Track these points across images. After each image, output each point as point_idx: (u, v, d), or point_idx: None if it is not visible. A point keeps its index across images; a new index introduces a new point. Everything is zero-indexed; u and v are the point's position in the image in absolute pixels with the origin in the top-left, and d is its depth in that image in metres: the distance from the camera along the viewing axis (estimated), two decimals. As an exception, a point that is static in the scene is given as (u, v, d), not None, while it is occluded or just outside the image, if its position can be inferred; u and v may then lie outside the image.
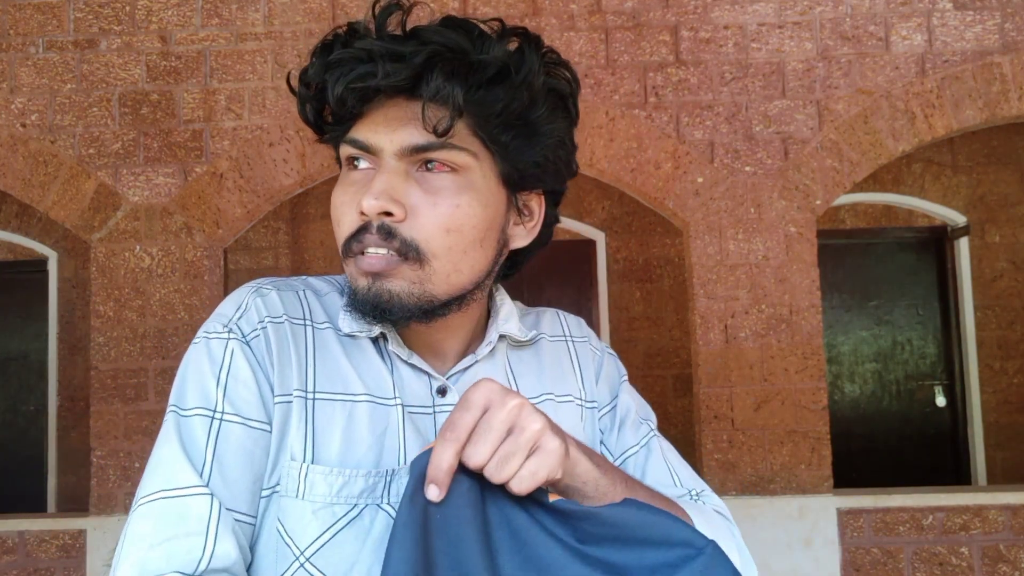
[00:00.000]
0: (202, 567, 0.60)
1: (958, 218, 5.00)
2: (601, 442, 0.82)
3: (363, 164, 0.70)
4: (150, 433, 3.10)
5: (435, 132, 0.66)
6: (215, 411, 0.66)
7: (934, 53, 3.15)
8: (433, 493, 0.56)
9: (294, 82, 0.74)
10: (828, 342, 5.07)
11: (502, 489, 0.59)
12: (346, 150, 0.71)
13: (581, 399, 0.81)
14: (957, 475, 5.02)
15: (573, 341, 0.86)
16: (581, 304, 5.08)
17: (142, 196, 3.21)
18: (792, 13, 3.20)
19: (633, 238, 5.04)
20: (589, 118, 3.18)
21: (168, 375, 3.12)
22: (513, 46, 0.69)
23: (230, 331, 0.70)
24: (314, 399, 0.69)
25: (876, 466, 4.99)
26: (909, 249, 5.19)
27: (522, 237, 0.77)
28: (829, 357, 5.09)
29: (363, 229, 0.68)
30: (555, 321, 0.87)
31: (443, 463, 0.56)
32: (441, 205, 0.68)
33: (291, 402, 0.68)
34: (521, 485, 0.57)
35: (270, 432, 0.68)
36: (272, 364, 0.69)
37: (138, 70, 3.25)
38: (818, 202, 3.15)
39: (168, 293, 3.16)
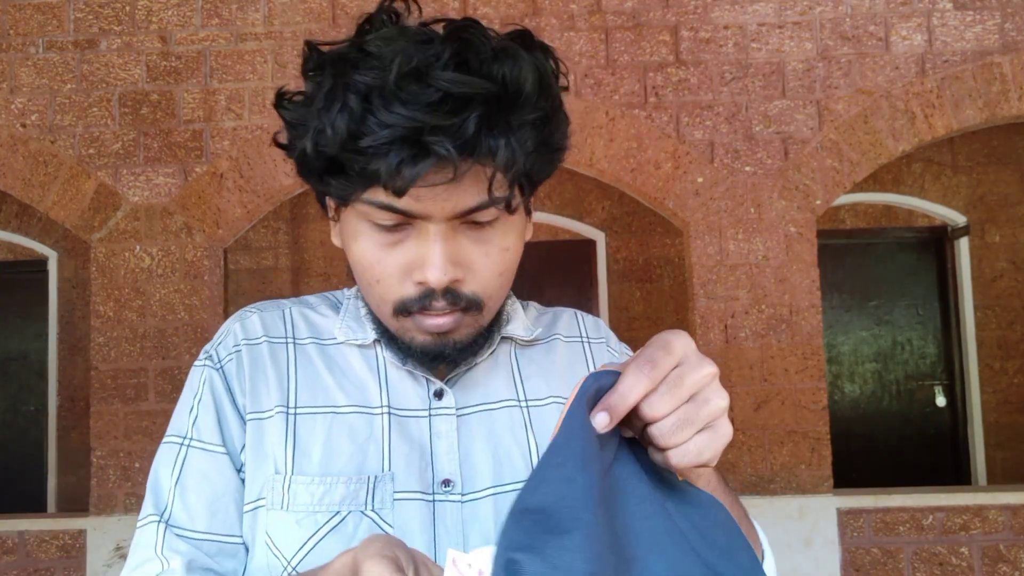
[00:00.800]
0: None
1: (958, 218, 5.00)
2: None
3: (398, 224, 0.66)
4: (150, 433, 3.10)
5: (506, 206, 0.65)
6: (184, 438, 0.72)
7: (934, 53, 3.15)
8: (603, 422, 0.48)
9: (287, 137, 0.69)
10: (828, 342, 5.07)
11: (642, 452, 0.53)
12: (371, 211, 0.65)
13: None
14: (957, 475, 5.02)
15: (590, 343, 0.85)
16: (581, 304, 5.08)
17: (142, 196, 3.21)
18: (792, 13, 3.20)
19: (633, 238, 5.04)
20: (589, 118, 3.18)
21: (168, 375, 3.12)
22: (523, 62, 0.63)
23: (209, 358, 0.75)
24: (296, 413, 0.71)
25: (876, 466, 4.99)
26: (909, 249, 5.19)
27: (527, 235, 0.78)
28: (829, 357, 5.09)
29: (426, 296, 0.67)
30: (572, 322, 0.86)
31: (630, 396, 0.49)
32: (492, 254, 0.68)
33: (269, 418, 0.71)
34: (683, 459, 0.50)
35: (227, 454, 0.71)
36: (244, 385, 0.72)
37: (138, 70, 3.25)
38: (818, 202, 3.15)
39: (168, 293, 3.16)
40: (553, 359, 0.81)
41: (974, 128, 3.21)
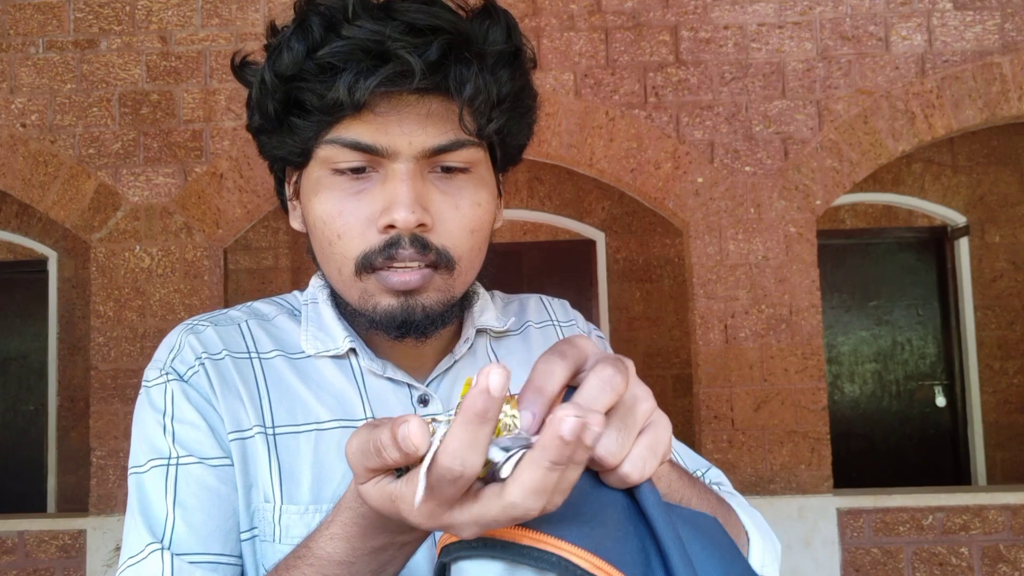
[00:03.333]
0: None
1: (958, 218, 5.00)
2: None
3: (363, 168, 0.63)
4: (150, 433, 3.10)
5: (478, 134, 0.62)
6: (169, 458, 0.63)
7: (934, 53, 3.15)
8: (526, 422, 0.41)
9: (251, 62, 0.67)
10: (828, 342, 5.07)
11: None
12: (335, 153, 0.62)
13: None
14: (957, 475, 5.02)
15: (560, 326, 0.82)
16: (581, 304, 5.08)
17: (142, 196, 3.21)
18: (792, 13, 3.20)
19: (633, 238, 5.04)
20: (589, 118, 3.18)
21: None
22: (485, 17, 0.63)
23: (167, 374, 0.66)
24: (275, 434, 0.65)
25: (876, 466, 4.99)
26: (909, 249, 5.19)
27: (498, 220, 0.73)
28: (829, 357, 5.09)
29: (392, 244, 0.62)
30: (540, 307, 0.83)
31: (548, 386, 0.42)
32: (463, 207, 0.64)
33: (250, 438, 0.64)
34: (639, 469, 0.43)
35: (230, 465, 0.64)
36: (217, 400, 0.65)
37: (138, 70, 3.25)
38: (818, 202, 3.15)
39: (168, 293, 3.16)
40: (530, 348, 0.77)
41: (974, 128, 3.21)
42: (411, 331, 0.65)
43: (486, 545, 0.42)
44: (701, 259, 3.13)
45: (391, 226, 0.61)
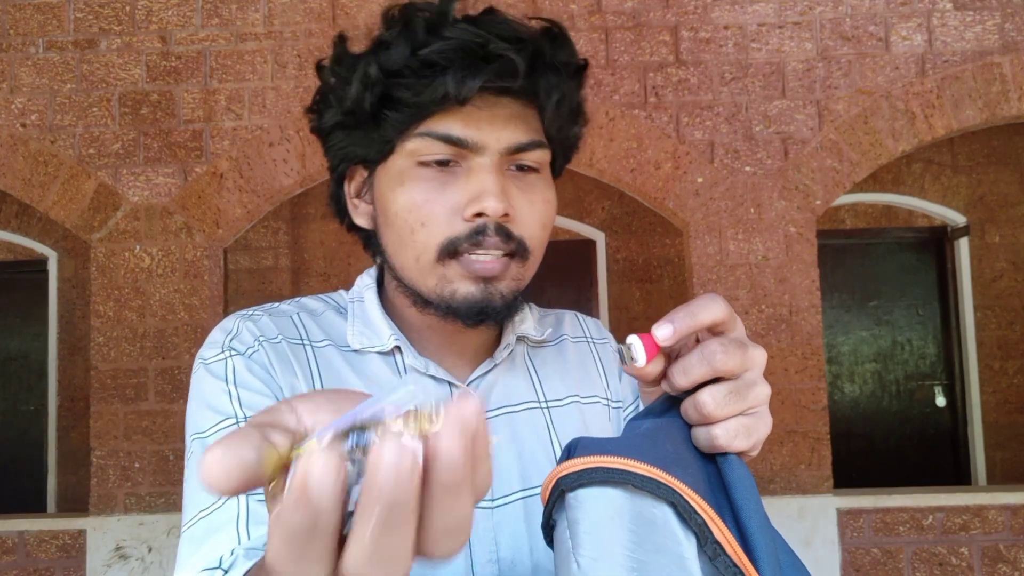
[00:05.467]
0: (237, 553, 0.58)
1: (958, 218, 5.00)
2: None
3: (447, 162, 0.67)
4: (150, 433, 3.10)
5: (558, 136, 0.69)
6: (237, 419, 0.64)
7: (934, 53, 3.15)
8: (665, 333, 0.48)
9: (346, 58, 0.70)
10: (828, 342, 5.07)
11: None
12: (425, 146, 0.66)
13: (607, 399, 0.81)
14: (957, 475, 5.02)
15: (595, 343, 0.85)
16: (581, 304, 5.08)
17: (142, 196, 3.21)
18: (792, 13, 3.20)
19: (633, 238, 5.04)
20: (589, 118, 3.17)
21: (168, 375, 3.12)
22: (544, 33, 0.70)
23: (227, 350, 0.67)
24: None
25: (876, 466, 4.99)
26: (909, 249, 5.19)
27: None
28: (829, 357, 5.09)
29: (479, 231, 0.65)
30: (575, 323, 0.87)
31: (702, 314, 0.48)
32: (537, 203, 0.69)
33: None
34: (730, 438, 0.49)
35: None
36: (278, 375, 0.66)
37: (138, 70, 3.25)
38: (818, 202, 3.15)
39: (168, 293, 3.16)
40: (566, 359, 0.80)
41: (974, 128, 3.21)
42: (489, 316, 0.67)
43: (606, 472, 0.45)
44: (701, 259, 3.14)
45: (479, 214, 0.65)
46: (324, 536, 0.29)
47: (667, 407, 0.52)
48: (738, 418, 0.48)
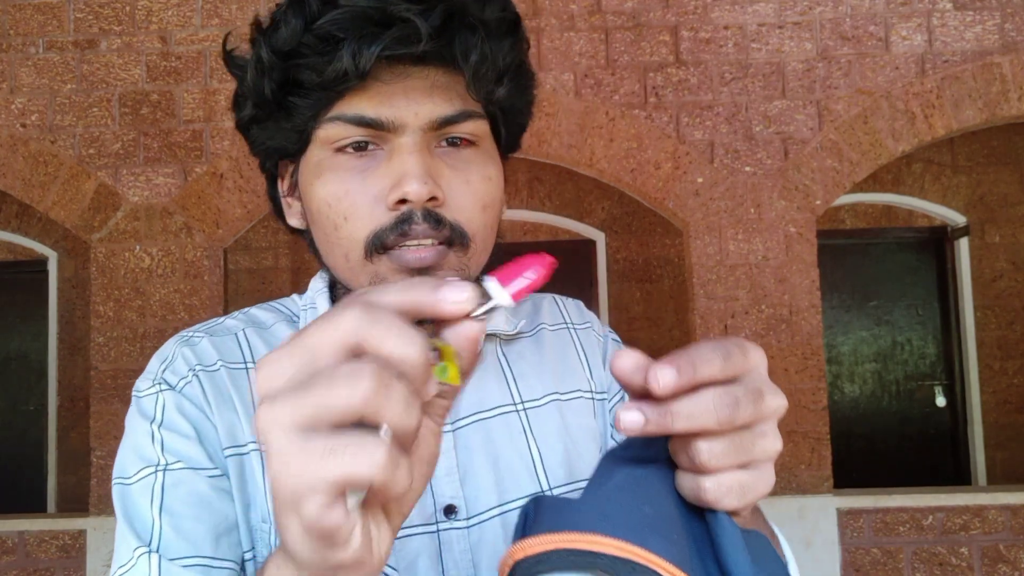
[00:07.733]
0: None
1: (958, 218, 5.00)
2: (612, 435, 0.73)
3: (366, 145, 0.60)
4: (150, 433, 3.10)
5: (485, 104, 0.60)
6: (157, 465, 0.59)
7: (934, 53, 3.15)
8: (667, 377, 0.39)
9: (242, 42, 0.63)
10: (828, 342, 5.07)
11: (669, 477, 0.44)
12: (338, 131, 0.60)
13: (591, 391, 0.73)
14: (957, 475, 5.02)
15: (576, 328, 0.78)
16: (581, 304, 5.07)
17: (142, 196, 3.21)
18: (792, 13, 3.20)
19: (633, 238, 5.04)
20: (589, 118, 3.18)
21: (168, 375, 3.12)
22: None
23: (159, 384, 0.63)
24: None
25: (876, 466, 4.99)
26: (909, 249, 5.19)
27: (504, 207, 0.69)
28: (829, 357, 5.09)
29: (404, 220, 0.58)
30: (554, 308, 0.80)
31: (701, 366, 0.39)
32: (473, 181, 0.61)
33: (247, 454, 0.61)
34: (721, 493, 0.41)
35: (223, 476, 0.60)
36: (212, 411, 0.61)
37: (138, 70, 3.25)
38: (818, 202, 3.15)
39: (168, 293, 3.16)
40: (543, 352, 0.73)
41: (974, 128, 3.21)
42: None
43: (570, 555, 0.39)
44: (701, 259, 3.14)
45: (402, 201, 0.58)
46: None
47: (651, 439, 0.44)
48: (736, 472, 0.40)
